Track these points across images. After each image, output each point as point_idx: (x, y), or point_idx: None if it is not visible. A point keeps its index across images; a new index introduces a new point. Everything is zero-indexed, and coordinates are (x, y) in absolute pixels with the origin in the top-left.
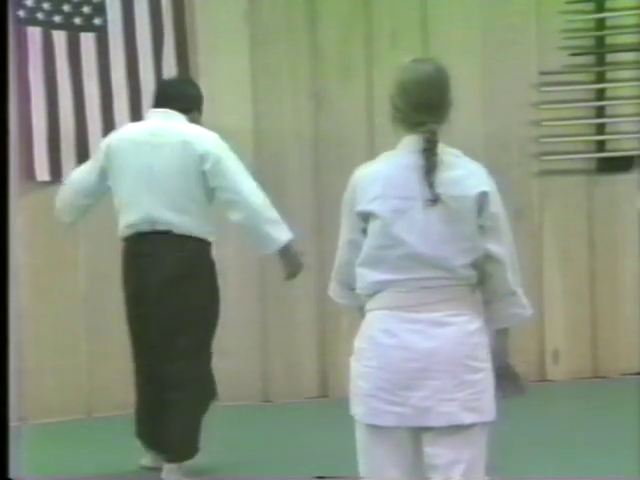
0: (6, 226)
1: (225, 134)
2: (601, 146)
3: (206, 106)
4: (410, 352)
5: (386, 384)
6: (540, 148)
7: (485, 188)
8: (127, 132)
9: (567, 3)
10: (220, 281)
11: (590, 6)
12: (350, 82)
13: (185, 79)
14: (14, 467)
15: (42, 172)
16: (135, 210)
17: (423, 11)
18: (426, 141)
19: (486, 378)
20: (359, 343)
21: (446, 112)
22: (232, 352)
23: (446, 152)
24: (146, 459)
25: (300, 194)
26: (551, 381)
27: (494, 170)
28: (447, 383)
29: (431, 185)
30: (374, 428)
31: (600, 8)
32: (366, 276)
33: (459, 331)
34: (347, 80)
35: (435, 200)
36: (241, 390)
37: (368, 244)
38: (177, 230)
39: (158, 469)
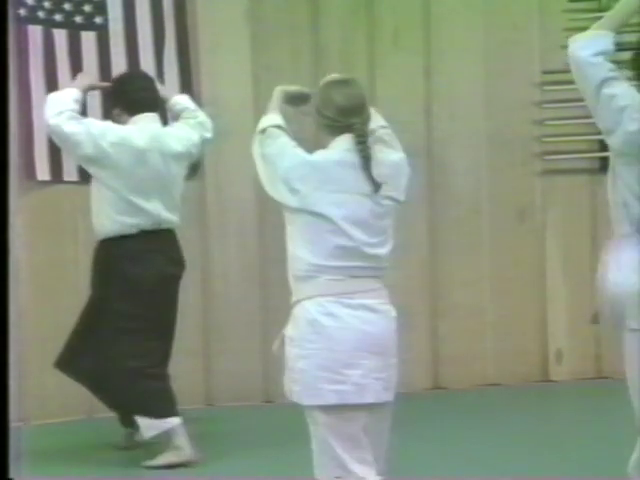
0: (6, 226)
1: (227, 133)
2: (604, 145)
3: (208, 105)
4: (352, 333)
5: (331, 363)
6: (543, 147)
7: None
8: (129, 138)
9: (570, 2)
10: (222, 281)
11: (593, 5)
12: None
13: (147, 77)
14: (14, 467)
15: (43, 172)
16: (141, 211)
17: (426, 10)
18: (357, 140)
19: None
20: (297, 330)
21: (368, 116)
22: (233, 352)
23: (376, 149)
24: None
25: None
26: (554, 381)
27: (497, 169)
28: (377, 364)
29: (367, 179)
30: (320, 408)
31: (602, 7)
32: (305, 258)
33: (386, 318)
34: None
35: (370, 194)
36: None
37: (308, 228)
38: (175, 228)
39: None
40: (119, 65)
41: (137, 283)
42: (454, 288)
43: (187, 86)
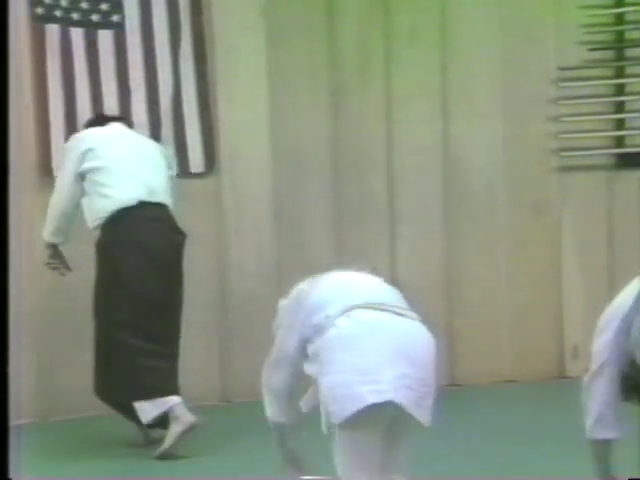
0: (6, 226)
1: (243, 132)
2: (620, 141)
3: (223, 104)
4: (380, 334)
5: (363, 367)
6: (559, 144)
7: None
8: (99, 133)
9: None
10: (238, 278)
11: (609, 1)
12: (369, 78)
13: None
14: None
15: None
16: (135, 181)
17: (442, 7)
18: None
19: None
20: (324, 348)
21: None
22: (249, 349)
23: None
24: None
25: (318, 191)
26: (570, 377)
27: (513, 166)
28: (410, 371)
29: None
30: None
31: (619, 3)
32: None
33: (422, 330)
34: (365, 76)
35: None
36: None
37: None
38: (167, 205)
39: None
40: (135, 64)
41: (145, 249)
42: (470, 285)
43: (203, 84)
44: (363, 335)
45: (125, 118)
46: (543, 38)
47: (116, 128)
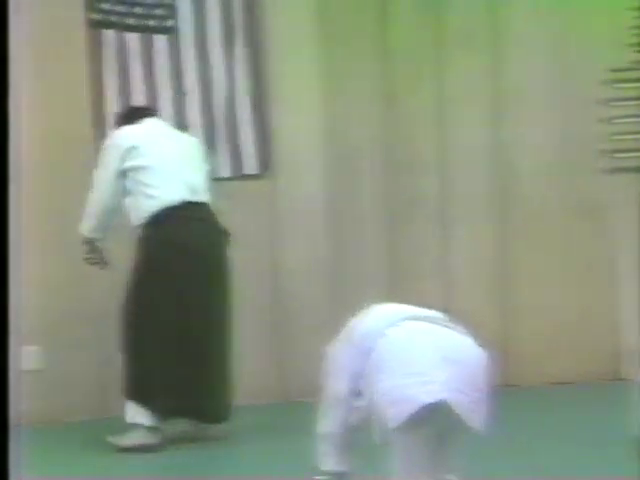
0: (6, 226)
1: (296, 135)
2: None
3: (277, 106)
4: (428, 339)
5: (414, 370)
6: (611, 145)
7: None
8: (140, 130)
9: None
10: (292, 278)
11: None
12: (421, 82)
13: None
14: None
15: None
16: (178, 181)
17: (493, 10)
18: None
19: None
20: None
21: None
22: (304, 349)
23: None
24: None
25: (371, 194)
26: (626, 379)
27: (565, 168)
28: (460, 375)
29: None
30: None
31: None
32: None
33: (470, 341)
34: (418, 80)
35: None
36: None
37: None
38: (209, 203)
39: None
40: (189, 68)
41: (186, 249)
42: (523, 286)
43: (257, 86)
44: (413, 341)
45: (156, 110)
46: (594, 40)
47: (155, 124)
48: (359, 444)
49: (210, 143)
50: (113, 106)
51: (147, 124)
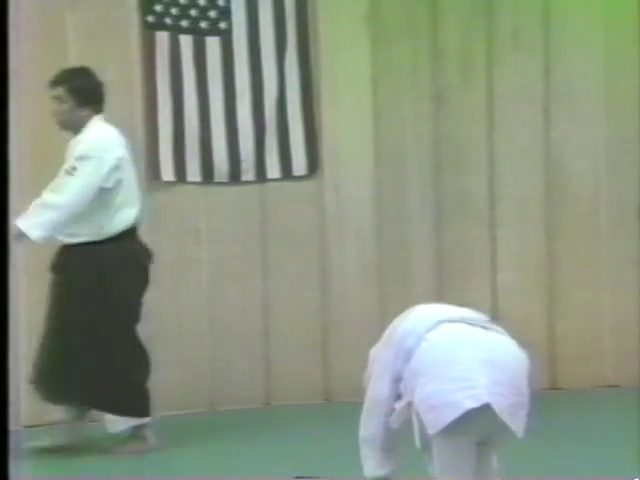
0: (6, 225)
1: (345, 134)
2: None
3: (327, 107)
4: (468, 342)
5: (456, 375)
6: None
7: None
8: (116, 141)
9: None
10: (340, 280)
11: None
12: (471, 81)
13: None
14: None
15: (167, 173)
16: (137, 203)
17: (545, 8)
18: None
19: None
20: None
21: None
22: (351, 349)
23: None
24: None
25: (420, 193)
26: None
27: (615, 168)
28: (502, 379)
29: None
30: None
31: None
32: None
33: (510, 341)
34: (468, 79)
35: None
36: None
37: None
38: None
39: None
40: (242, 69)
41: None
42: (572, 288)
43: (307, 89)
44: (453, 344)
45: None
46: None
47: (113, 130)
48: (401, 447)
49: (260, 145)
50: (165, 107)
51: (111, 129)
